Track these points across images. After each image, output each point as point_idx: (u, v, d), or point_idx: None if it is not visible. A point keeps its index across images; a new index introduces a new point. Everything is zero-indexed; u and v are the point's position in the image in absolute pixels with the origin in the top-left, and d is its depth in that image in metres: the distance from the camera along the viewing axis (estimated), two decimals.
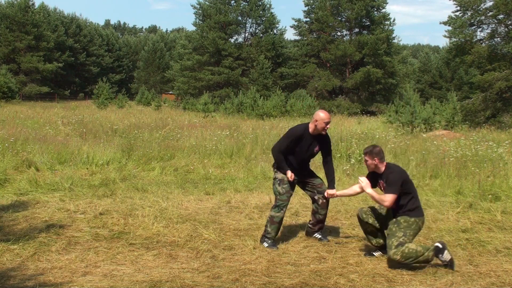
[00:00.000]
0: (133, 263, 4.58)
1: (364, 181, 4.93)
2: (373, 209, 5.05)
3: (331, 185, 5.38)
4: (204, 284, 4.12)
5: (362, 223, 5.07)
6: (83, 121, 18.45)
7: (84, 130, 14.79)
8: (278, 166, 5.30)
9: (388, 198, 4.69)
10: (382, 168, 4.90)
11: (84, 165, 9.51)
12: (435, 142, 12.48)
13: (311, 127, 5.25)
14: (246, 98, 31.41)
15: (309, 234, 5.55)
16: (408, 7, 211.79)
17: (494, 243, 5.34)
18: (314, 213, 5.47)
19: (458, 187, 7.94)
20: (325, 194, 5.36)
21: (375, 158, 4.87)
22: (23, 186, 7.61)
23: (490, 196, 7.33)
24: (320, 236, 5.47)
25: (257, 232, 5.61)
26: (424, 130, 17.57)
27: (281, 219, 5.26)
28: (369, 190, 4.87)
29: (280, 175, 5.26)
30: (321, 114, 5.18)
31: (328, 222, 6.23)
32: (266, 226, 5.28)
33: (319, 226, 5.49)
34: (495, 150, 10.62)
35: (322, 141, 5.33)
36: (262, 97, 33.23)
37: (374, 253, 5.00)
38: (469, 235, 5.64)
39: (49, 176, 8.30)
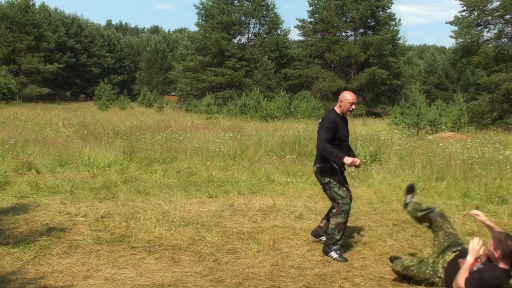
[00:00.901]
0: (135, 266, 4.55)
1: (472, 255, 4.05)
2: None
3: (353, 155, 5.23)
4: None
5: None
6: (84, 122, 18.47)
7: (85, 132, 14.78)
8: (334, 157, 4.91)
9: (461, 284, 3.89)
10: (499, 264, 3.96)
11: (85, 167, 9.46)
12: (441, 144, 12.38)
13: (337, 109, 5.16)
14: (250, 100, 31.37)
15: (316, 236, 5.44)
16: (413, 7, 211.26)
17: None
18: (327, 217, 5.32)
19: (464, 189, 7.86)
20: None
21: (498, 250, 3.94)
22: (23, 189, 7.58)
23: (497, 199, 7.26)
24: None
25: (261, 235, 5.55)
26: (430, 132, 17.47)
27: (346, 223, 5.04)
28: (469, 258, 4.02)
29: (336, 178, 4.99)
30: (347, 95, 5.09)
31: None
32: (332, 234, 4.95)
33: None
34: (502, 152, 10.54)
35: (345, 122, 5.25)
36: (265, 98, 33.17)
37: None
38: None
39: (49, 178, 8.27)
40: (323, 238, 5.37)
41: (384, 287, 4.19)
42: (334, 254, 4.92)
